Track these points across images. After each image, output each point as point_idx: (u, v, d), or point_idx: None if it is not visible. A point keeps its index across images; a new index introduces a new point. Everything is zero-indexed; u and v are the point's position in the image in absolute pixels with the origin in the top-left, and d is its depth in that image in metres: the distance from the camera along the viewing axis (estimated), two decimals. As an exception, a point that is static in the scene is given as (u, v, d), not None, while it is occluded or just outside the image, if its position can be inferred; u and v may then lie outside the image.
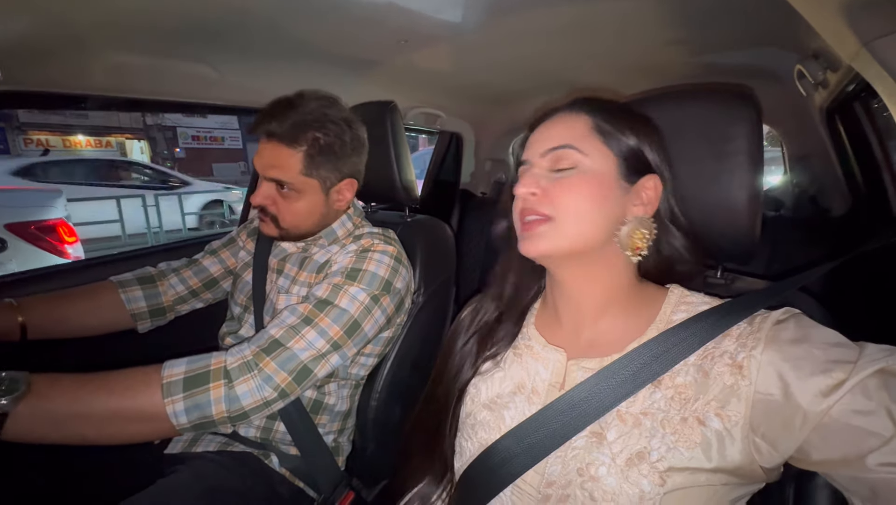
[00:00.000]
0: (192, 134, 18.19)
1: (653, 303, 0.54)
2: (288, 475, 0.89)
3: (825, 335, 0.44)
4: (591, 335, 0.55)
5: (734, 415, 0.44)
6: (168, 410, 0.67)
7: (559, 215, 0.51)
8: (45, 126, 14.28)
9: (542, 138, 0.56)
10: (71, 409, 0.64)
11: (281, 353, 0.75)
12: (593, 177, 0.52)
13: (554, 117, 0.57)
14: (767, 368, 0.43)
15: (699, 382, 0.46)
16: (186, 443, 0.89)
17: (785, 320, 0.46)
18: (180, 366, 0.71)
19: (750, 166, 0.59)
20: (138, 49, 1.03)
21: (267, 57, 1.20)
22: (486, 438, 0.55)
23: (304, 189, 0.87)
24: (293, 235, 0.93)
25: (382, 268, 0.86)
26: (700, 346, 0.47)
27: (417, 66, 1.42)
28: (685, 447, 0.44)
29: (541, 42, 1.23)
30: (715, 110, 0.62)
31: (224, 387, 0.70)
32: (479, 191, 2.42)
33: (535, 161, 0.55)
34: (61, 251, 2.68)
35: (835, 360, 0.41)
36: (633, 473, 0.45)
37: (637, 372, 0.48)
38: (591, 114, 0.55)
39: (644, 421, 0.47)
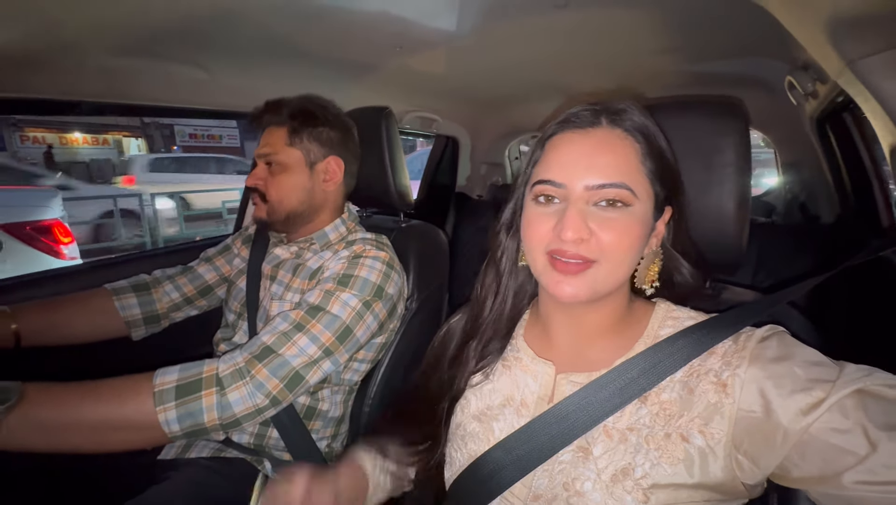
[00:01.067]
0: (189, 132, 18.11)
1: (640, 318, 0.55)
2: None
3: (807, 354, 0.44)
4: (581, 351, 0.55)
5: (717, 433, 0.44)
6: (160, 418, 0.68)
7: (603, 259, 0.48)
8: (42, 124, 14.21)
9: (587, 164, 0.48)
10: (62, 418, 0.64)
11: (273, 359, 0.75)
12: (639, 220, 0.49)
13: (595, 131, 0.50)
14: (750, 385, 0.44)
15: (684, 398, 0.47)
16: (180, 449, 0.90)
17: (768, 338, 0.47)
18: (172, 374, 0.71)
19: (738, 178, 0.60)
20: (129, 52, 1.02)
21: (261, 61, 1.20)
22: (476, 450, 0.55)
23: (289, 162, 0.93)
24: (279, 214, 0.94)
25: (374, 273, 0.87)
26: (686, 362, 0.48)
27: (413, 71, 1.42)
28: (668, 463, 0.45)
29: (535, 48, 1.24)
30: (704, 122, 0.63)
31: (216, 394, 0.71)
32: (475, 194, 2.43)
33: (577, 192, 0.48)
34: (57, 252, 2.67)
35: (815, 378, 0.41)
36: (618, 490, 0.45)
37: (625, 387, 0.48)
38: (638, 139, 0.50)
39: (630, 437, 0.47)
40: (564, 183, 0.49)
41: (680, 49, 1.21)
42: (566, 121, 0.52)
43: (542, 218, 0.50)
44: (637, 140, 0.50)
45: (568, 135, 0.51)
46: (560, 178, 0.49)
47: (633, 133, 0.50)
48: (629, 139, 0.50)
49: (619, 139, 0.49)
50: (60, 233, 2.69)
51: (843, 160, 1.22)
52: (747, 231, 0.62)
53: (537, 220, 0.51)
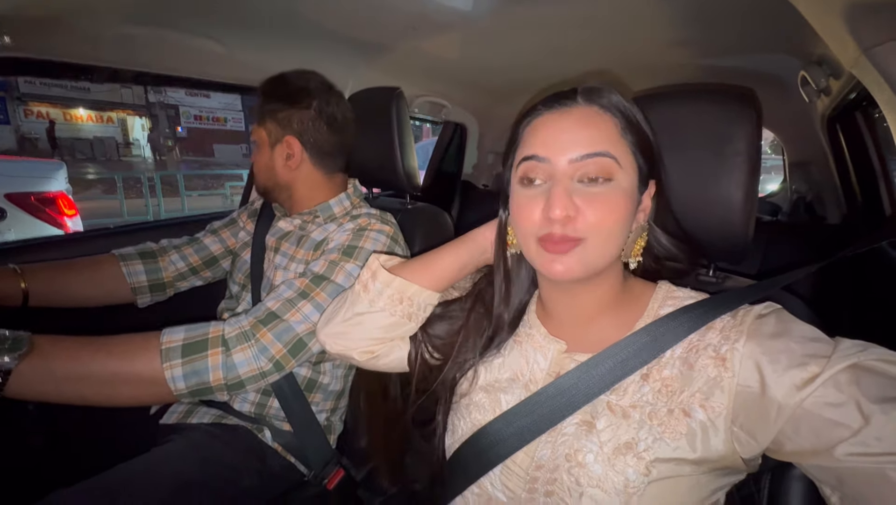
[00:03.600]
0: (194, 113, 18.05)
1: (641, 299, 0.55)
2: (280, 450, 0.91)
3: (803, 330, 0.45)
4: (585, 332, 0.56)
5: (718, 406, 0.45)
6: (166, 374, 0.69)
7: (591, 236, 0.48)
8: (46, 98, 14.15)
9: (569, 138, 0.48)
10: (71, 369, 0.65)
11: (277, 324, 0.76)
12: (625, 193, 0.49)
13: (572, 110, 0.50)
14: (747, 360, 0.44)
15: (684, 374, 0.47)
16: (182, 414, 0.91)
17: (766, 315, 0.47)
18: (179, 333, 0.73)
19: (747, 167, 0.60)
20: (146, 20, 1.02)
21: (276, 36, 1.20)
22: (480, 420, 0.56)
23: (257, 141, 0.96)
24: (259, 188, 1.01)
25: (378, 245, 0.88)
26: (686, 335, 0.49)
27: (425, 54, 1.42)
28: (671, 438, 0.45)
29: (549, 35, 1.23)
30: (715, 110, 0.63)
31: (221, 354, 0.72)
32: (481, 183, 2.43)
33: (560, 166, 0.48)
34: (60, 223, 2.68)
35: (811, 354, 0.42)
36: (620, 462, 0.46)
37: (625, 360, 0.49)
38: (615, 114, 0.50)
39: (633, 413, 0.48)
40: (548, 157, 0.49)
41: (692, 42, 1.21)
42: (542, 103, 0.53)
43: (530, 203, 0.50)
44: (614, 115, 0.50)
45: (546, 115, 0.51)
46: (543, 153, 0.49)
47: (610, 109, 0.50)
48: (607, 114, 0.50)
49: (597, 114, 0.50)
50: (65, 205, 2.70)
51: (852, 160, 1.22)
52: (754, 220, 0.62)
53: (526, 205, 0.51)
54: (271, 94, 0.94)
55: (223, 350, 0.72)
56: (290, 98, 0.93)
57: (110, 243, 1.17)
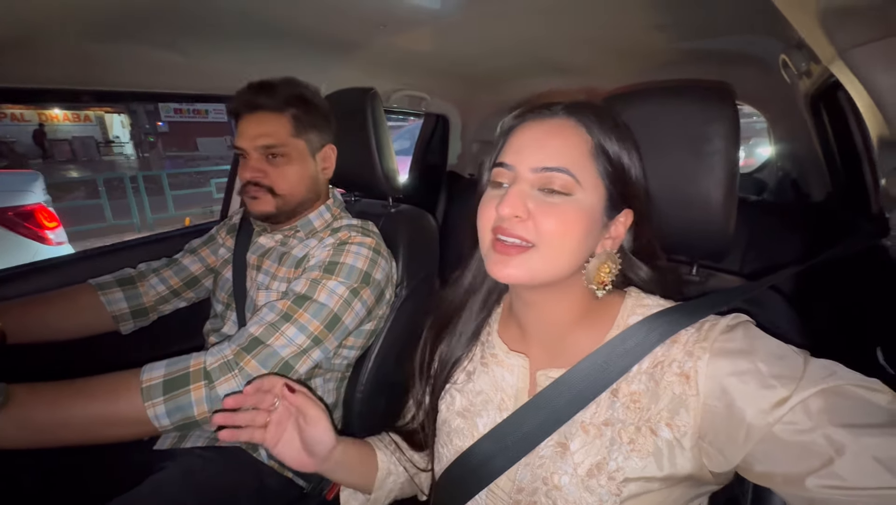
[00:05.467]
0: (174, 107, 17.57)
1: (609, 309, 0.54)
2: (277, 467, 0.92)
3: (771, 347, 0.44)
4: (556, 348, 0.56)
5: (683, 425, 0.45)
6: (149, 413, 0.68)
7: (541, 244, 0.48)
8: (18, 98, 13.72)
9: (536, 148, 0.50)
10: (52, 416, 0.65)
11: (261, 350, 0.76)
12: (582, 210, 0.49)
13: (550, 120, 0.51)
14: (712, 380, 0.44)
15: (651, 390, 0.47)
16: (175, 439, 0.91)
17: (733, 329, 0.46)
18: (159, 369, 0.72)
19: (726, 166, 0.59)
20: (100, 37, 0.97)
21: (240, 42, 1.15)
22: (461, 445, 0.57)
23: (294, 153, 0.91)
24: (289, 206, 0.93)
25: (360, 260, 0.87)
26: (652, 347, 0.48)
27: (399, 49, 1.37)
28: (639, 456, 0.46)
29: (525, 22, 1.19)
30: (694, 109, 0.62)
31: (205, 388, 0.72)
32: (467, 173, 2.40)
33: (522, 174, 0.50)
34: (42, 237, 2.61)
35: (778, 374, 0.41)
36: (593, 483, 0.47)
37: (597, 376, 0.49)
38: (591, 132, 0.50)
39: (605, 431, 0.48)
40: (514, 165, 0.50)
41: (673, 25, 1.17)
42: (527, 111, 0.54)
43: (490, 200, 0.51)
44: (590, 132, 0.50)
45: (526, 124, 0.53)
46: (510, 161, 0.51)
47: (588, 126, 0.50)
48: (581, 129, 0.50)
49: (571, 128, 0.50)
50: (44, 217, 2.62)
51: (836, 138, 1.21)
52: (734, 219, 0.62)
53: (487, 203, 0.52)
54: (310, 104, 0.93)
55: (206, 383, 0.72)
56: (326, 107, 0.96)
57: (84, 267, 1.15)
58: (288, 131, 0.90)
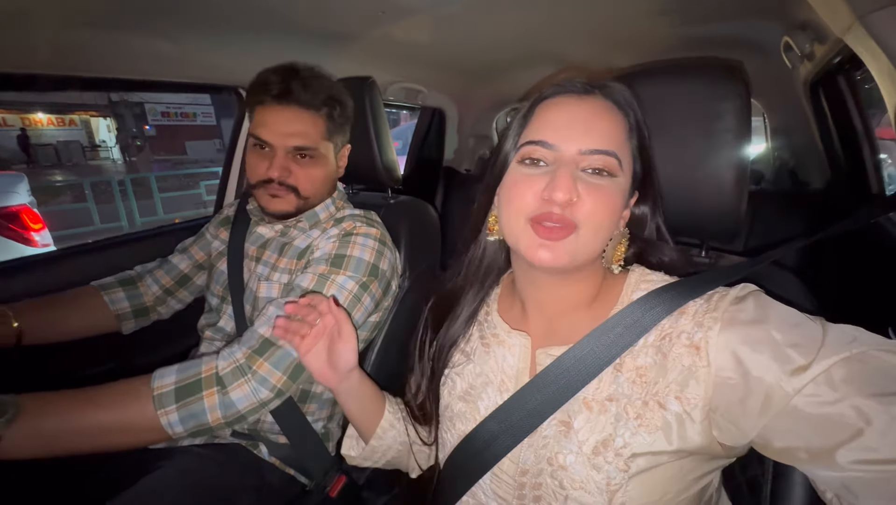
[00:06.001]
0: (161, 110, 17.35)
1: (613, 286, 0.53)
2: (278, 464, 0.89)
3: (784, 315, 0.42)
4: (559, 326, 0.54)
5: (693, 398, 0.43)
6: (162, 421, 0.67)
7: (583, 227, 0.47)
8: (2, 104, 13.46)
9: (582, 129, 0.47)
10: (63, 426, 0.63)
11: (273, 352, 0.73)
12: (620, 192, 0.49)
13: (589, 99, 0.49)
14: (724, 350, 0.42)
15: (659, 363, 0.46)
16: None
17: (743, 299, 0.44)
18: (170, 375, 0.70)
19: (738, 145, 0.58)
20: (88, 23, 0.94)
21: (232, 30, 1.12)
22: (463, 430, 0.55)
23: (322, 155, 0.88)
24: (307, 207, 0.92)
25: (367, 252, 0.84)
26: (659, 320, 0.46)
27: (397, 39, 1.35)
28: (647, 431, 0.44)
29: (523, 13, 1.18)
30: (703, 87, 0.61)
31: (217, 394, 0.69)
32: (464, 168, 2.39)
33: (569, 155, 0.47)
34: (27, 239, 2.55)
35: (794, 343, 0.39)
36: (599, 461, 0.45)
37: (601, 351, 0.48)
38: (627, 114, 0.50)
39: (610, 407, 0.47)
40: (557, 144, 0.48)
41: (672, 11, 1.17)
42: (560, 85, 0.51)
43: (527, 181, 0.48)
44: (626, 115, 0.50)
45: (562, 98, 0.50)
46: (553, 140, 0.48)
47: (623, 108, 0.50)
48: (620, 113, 0.50)
49: (612, 110, 0.49)
50: (29, 219, 2.56)
51: (835, 124, 1.21)
52: (746, 199, 0.61)
53: (523, 182, 0.48)
54: (345, 107, 0.91)
55: (218, 389, 0.70)
56: (351, 108, 0.93)
57: (79, 261, 1.12)
58: (321, 133, 0.86)
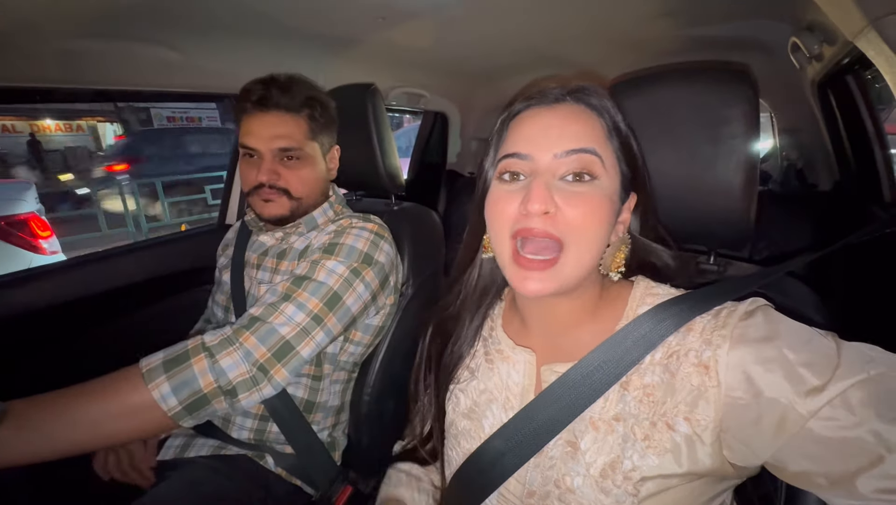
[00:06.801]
0: (166, 115, 17.46)
1: (618, 299, 0.52)
2: (284, 475, 0.89)
3: (796, 331, 0.41)
4: (563, 341, 0.53)
5: (703, 419, 0.42)
6: (154, 395, 0.66)
7: (569, 242, 0.45)
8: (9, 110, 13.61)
9: (555, 134, 0.46)
10: (56, 420, 0.62)
11: (259, 327, 0.73)
12: (606, 196, 0.46)
13: (559, 106, 0.48)
14: (735, 370, 0.40)
15: (666, 382, 0.44)
16: (178, 449, 0.88)
17: (752, 314, 0.43)
18: (157, 355, 0.70)
19: (746, 150, 0.57)
20: (92, 34, 0.95)
21: (235, 38, 1.12)
22: (468, 448, 0.54)
23: (309, 155, 0.89)
24: (302, 209, 0.92)
25: (361, 241, 0.85)
26: (666, 336, 0.45)
27: (398, 44, 1.35)
28: (655, 454, 0.43)
29: (526, 16, 1.17)
30: (710, 91, 0.59)
31: (206, 360, 0.69)
32: (467, 171, 2.38)
33: (543, 163, 0.45)
34: (36, 246, 2.57)
35: (807, 362, 0.38)
36: (608, 484, 0.44)
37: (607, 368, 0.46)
38: (602, 114, 0.49)
39: (617, 427, 0.45)
40: (531, 154, 0.46)
41: (677, 12, 1.16)
42: (530, 98, 0.50)
43: (507, 197, 0.47)
44: (602, 116, 0.49)
45: (533, 110, 0.49)
46: (526, 150, 0.47)
47: (598, 110, 0.49)
48: (594, 114, 0.48)
49: (584, 113, 0.48)
50: (38, 226, 2.58)
51: (845, 125, 1.19)
52: (755, 205, 0.59)
53: (503, 199, 0.48)
54: (325, 107, 0.92)
55: (206, 355, 0.69)
56: (334, 109, 0.94)
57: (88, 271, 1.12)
58: (304, 133, 0.88)
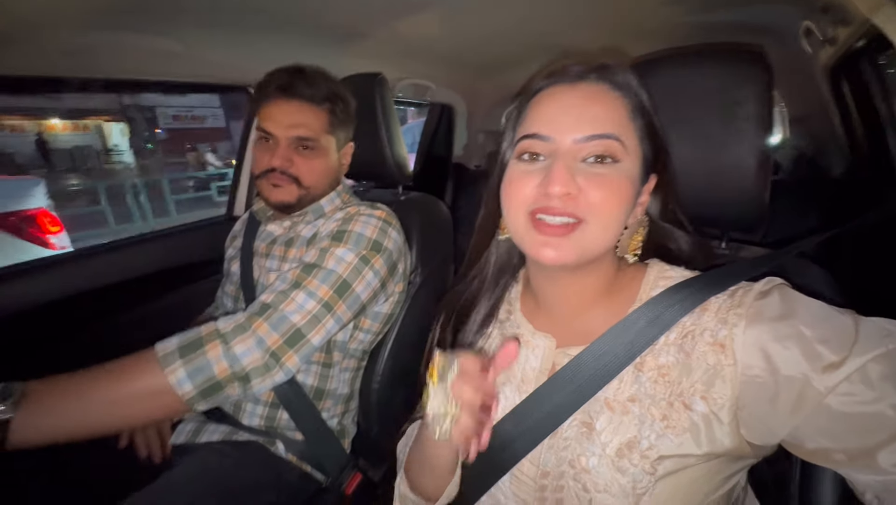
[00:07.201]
0: (172, 113, 17.56)
1: (631, 282, 0.52)
2: (295, 461, 0.89)
3: (813, 309, 0.41)
4: (576, 324, 0.53)
5: (720, 397, 0.41)
6: (170, 380, 0.67)
7: (590, 220, 0.44)
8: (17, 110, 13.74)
9: (576, 116, 0.45)
10: (74, 401, 0.63)
11: (271, 314, 0.75)
12: (628, 178, 0.46)
13: (582, 85, 0.47)
14: (752, 347, 0.40)
15: (682, 362, 0.44)
16: (190, 433, 0.89)
17: (767, 293, 0.43)
18: (172, 340, 0.71)
19: (760, 131, 0.56)
20: (99, 25, 0.95)
21: (238, 29, 1.12)
22: None
23: (324, 147, 0.91)
24: (311, 198, 0.93)
25: (369, 228, 0.86)
26: (681, 316, 0.45)
27: (404, 35, 1.34)
28: (674, 434, 0.43)
29: (533, 5, 1.16)
30: (723, 72, 0.59)
31: (221, 346, 0.71)
32: (473, 164, 2.37)
33: (566, 145, 0.45)
34: (45, 241, 2.61)
35: (824, 339, 0.38)
36: (624, 463, 0.44)
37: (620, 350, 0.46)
38: (627, 93, 0.47)
39: (632, 408, 0.45)
40: (551, 136, 0.46)
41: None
42: (551, 75, 0.49)
43: (525, 177, 0.47)
44: (626, 95, 0.47)
45: (553, 89, 0.48)
46: (546, 132, 0.46)
47: (622, 88, 0.47)
48: (618, 93, 0.47)
49: (608, 93, 0.47)
50: (47, 222, 2.62)
51: (858, 110, 1.17)
52: (769, 188, 0.59)
53: (520, 178, 0.47)
54: (347, 103, 0.93)
55: (221, 342, 0.71)
56: (352, 107, 0.95)
57: (95, 262, 1.13)
58: (323, 126, 0.89)
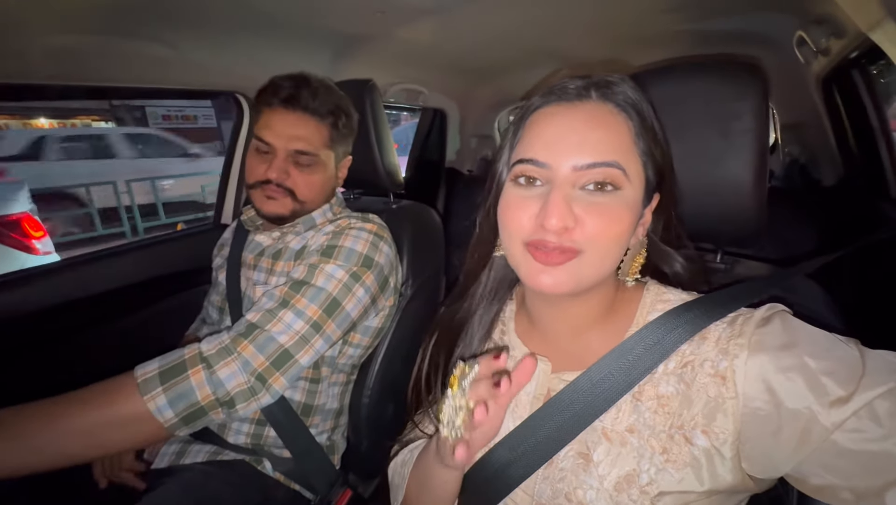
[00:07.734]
0: (162, 113, 17.33)
1: (628, 305, 0.50)
2: (282, 479, 0.87)
3: (816, 338, 0.39)
4: (572, 347, 0.51)
5: (721, 432, 0.40)
6: (150, 407, 0.64)
7: (588, 250, 0.42)
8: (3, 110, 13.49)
9: (575, 141, 0.43)
10: (48, 432, 0.60)
11: (258, 335, 0.72)
12: (629, 206, 0.43)
13: (583, 105, 0.44)
14: (754, 379, 0.39)
15: (682, 393, 0.43)
16: (173, 456, 0.85)
17: (769, 321, 0.41)
18: (152, 364, 0.68)
19: (757, 145, 0.56)
20: (83, 29, 0.92)
21: (229, 33, 1.10)
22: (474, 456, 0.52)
23: (322, 162, 0.88)
24: (303, 211, 0.90)
25: (360, 243, 0.83)
26: (673, 349, 0.43)
27: (396, 39, 1.33)
28: (674, 468, 0.41)
29: (526, 10, 1.15)
30: (721, 85, 0.58)
31: (204, 371, 0.67)
32: (466, 169, 2.36)
33: (563, 173, 0.42)
34: (29, 247, 2.54)
35: (830, 371, 0.36)
36: (623, 498, 0.42)
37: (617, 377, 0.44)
38: (630, 114, 0.44)
39: (630, 439, 0.44)
40: (548, 163, 0.43)
41: (681, 7, 1.14)
42: (550, 93, 0.46)
43: (522, 203, 0.45)
44: (630, 116, 0.44)
45: (553, 108, 0.45)
46: (543, 158, 0.43)
47: (626, 108, 0.45)
48: (621, 115, 0.44)
49: (611, 114, 0.44)
50: (31, 227, 2.55)
51: (850, 120, 1.18)
52: (765, 202, 0.58)
53: (517, 205, 0.45)
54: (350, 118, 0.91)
55: (204, 367, 0.68)
56: (354, 120, 0.94)
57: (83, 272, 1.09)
58: (323, 140, 0.86)
